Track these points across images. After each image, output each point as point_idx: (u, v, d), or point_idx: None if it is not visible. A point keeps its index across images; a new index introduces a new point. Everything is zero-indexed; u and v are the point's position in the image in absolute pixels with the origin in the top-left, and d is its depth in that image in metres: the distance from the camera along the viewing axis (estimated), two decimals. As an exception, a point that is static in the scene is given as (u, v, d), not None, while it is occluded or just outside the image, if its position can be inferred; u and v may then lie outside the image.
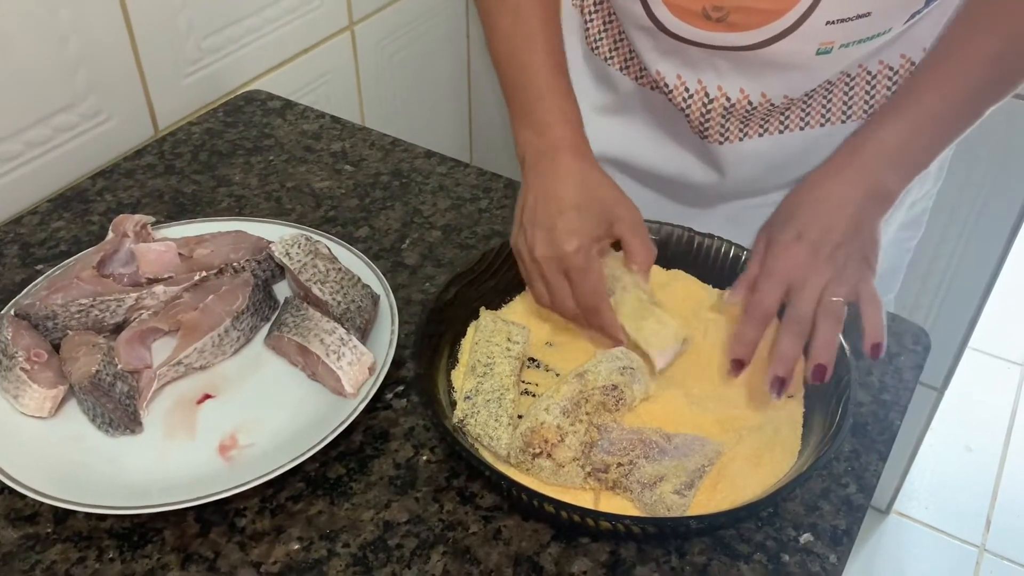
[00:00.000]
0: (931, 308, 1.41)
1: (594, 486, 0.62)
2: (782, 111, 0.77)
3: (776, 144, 0.79)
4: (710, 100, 0.76)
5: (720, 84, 0.75)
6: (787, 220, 0.69)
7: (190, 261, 0.76)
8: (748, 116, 0.77)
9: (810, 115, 0.78)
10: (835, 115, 0.77)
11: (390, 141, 1.01)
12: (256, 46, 1.12)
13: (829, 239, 0.67)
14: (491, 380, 0.66)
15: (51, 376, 0.67)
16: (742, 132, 0.78)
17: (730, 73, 0.74)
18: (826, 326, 0.64)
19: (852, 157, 0.70)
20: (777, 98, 0.74)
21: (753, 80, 0.74)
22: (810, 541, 0.62)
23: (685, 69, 0.76)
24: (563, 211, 0.68)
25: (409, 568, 0.59)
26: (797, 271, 0.66)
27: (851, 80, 0.76)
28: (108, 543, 0.61)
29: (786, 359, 0.63)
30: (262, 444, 0.66)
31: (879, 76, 0.75)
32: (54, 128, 0.92)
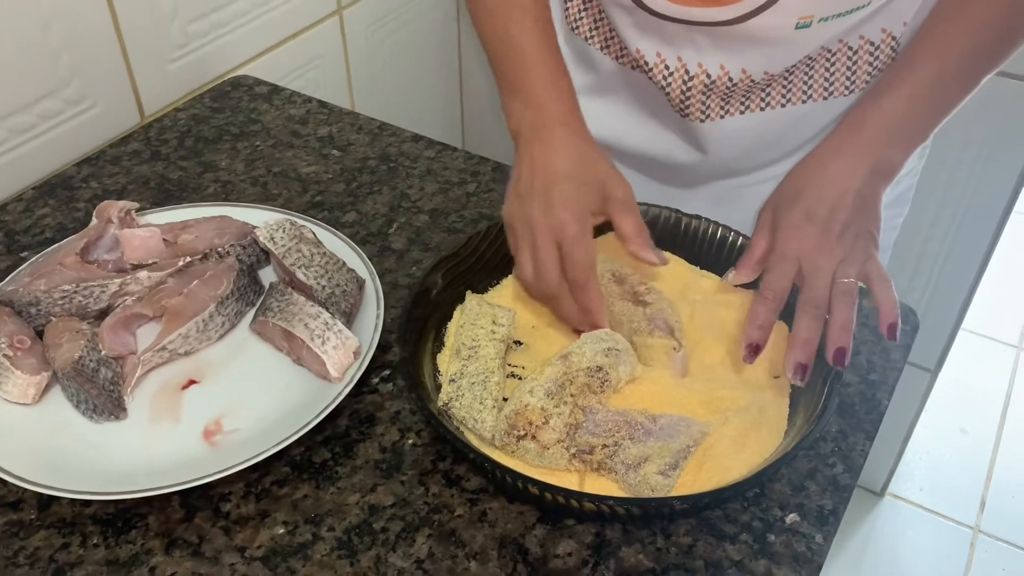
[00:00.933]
0: (924, 289, 1.41)
1: (579, 468, 0.61)
2: (763, 87, 0.76)
3: (758, 121, 0.79)
4: (690, 77, 0.75)
5: (700, 61, 0.74)
6: (794, 199, 0.68)
7: (175, 247, 0.76)
8: (729, 93, 0.76)
9: (791, 92, 0.77)
10: (817, 91, 0.77)
11: (377, 125, 1.01)
12: (244, 31, 1.11)
13: (838, 218, 0.66)
14: (476, 363, 0.66)
15: (34, 362, 0.67)
16: (723, 109, 0.78)
17: (710, 49, 0.73)
18: (842, 308, 0.63)
19: (855, 132, 0.70)
20: (757, 74, 0.74)
21: (733, 56, 0.73)
22: (796, 521, 0.62)
23: (665, 46, 0.75)
24: (559, 181, 0.67)
25: (394, 551, 0.59)
26: (809, 252, 0.65)
27: (832, 56, 0.75)
28: (92, 529, 0.60)
29: (809, 344, 0.62)
30: (247, 429, 0.65)
31: (860, 51, 0.75)
32: (38, 115, 0.91)
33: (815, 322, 0.63)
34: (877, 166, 0.69)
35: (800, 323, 0.63)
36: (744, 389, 0.66)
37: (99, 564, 0.58)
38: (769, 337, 0.65)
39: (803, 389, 0.66)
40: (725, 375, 0.68)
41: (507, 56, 0.74)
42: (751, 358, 0.64)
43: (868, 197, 0.68)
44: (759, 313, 0.65)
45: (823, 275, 0.64)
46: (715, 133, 0.79)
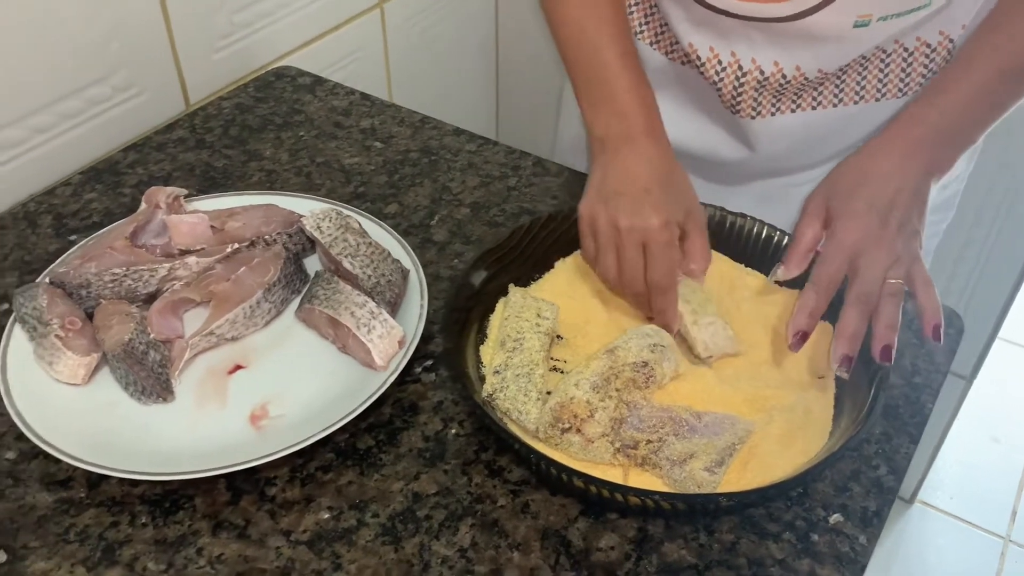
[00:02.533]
0: (962, 295, 1.40)
1: (623, 462, 0.62)
2: (815, 86, 0.76)
3: (809, 120, 0.78)
4: (743, 73, 0.75)
5: (754, 56, 0.74)
6: (852, 190, 0.67)
7: (222, 233, 0.77)
8: (781, 90, 0.76)
9: (844, 91, 0.77)
10: (870, 93, 0.76)
11: (419, 118, 1.01)
12: (287, 22, 1.12)
13: (895, 215, 0.66)
14: (521, 355, 0.66)
15: (85, 344, 0.68)
16: (774, 107, 0.77)
17: (764, 45, 0.73)
18: (890, 307, 0.63)
19: (909, 130, 0.69)
20: (811, 72, 0.74)
21: (788, 53, 0.73)
22: (840, 521, 0.61)
23: (718, 41, 0.75)
24: (650, 188, 0.68)
25: (438, 539, 0.60)
26: (867, 245, 0.65)
27: (887, 56, 0.75)
28: (140, 508, 0.61)
29: (856, 338, 0.62)
30: (292, 415, 0.66)
31: (916, 53, 0.74)
32: (87, 100, 0.93)
33: (864, 317, 0.63)
34: (930, 165, 0.68)
35: (849, 316, 0.62)
36: (789, 388, 0.66)
37: (147, 543, 0.59)
38: (816, 325, 0.64)
39: (848, 390, 0.65)
40: (770, 374, 0.67)
41: (591, 66, 0.74)
42: (798, 346, 0.63)
43: (920, 196, 0.68)
44: (810, 300, 0.63)
45: (878, 270, 0.64)
46: (764, 130, 0.79)
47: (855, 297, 0.63)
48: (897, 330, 0.63)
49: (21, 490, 0.62)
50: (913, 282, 0.65)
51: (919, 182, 0.67)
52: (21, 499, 0.62)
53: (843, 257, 0.65)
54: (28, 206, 0.88)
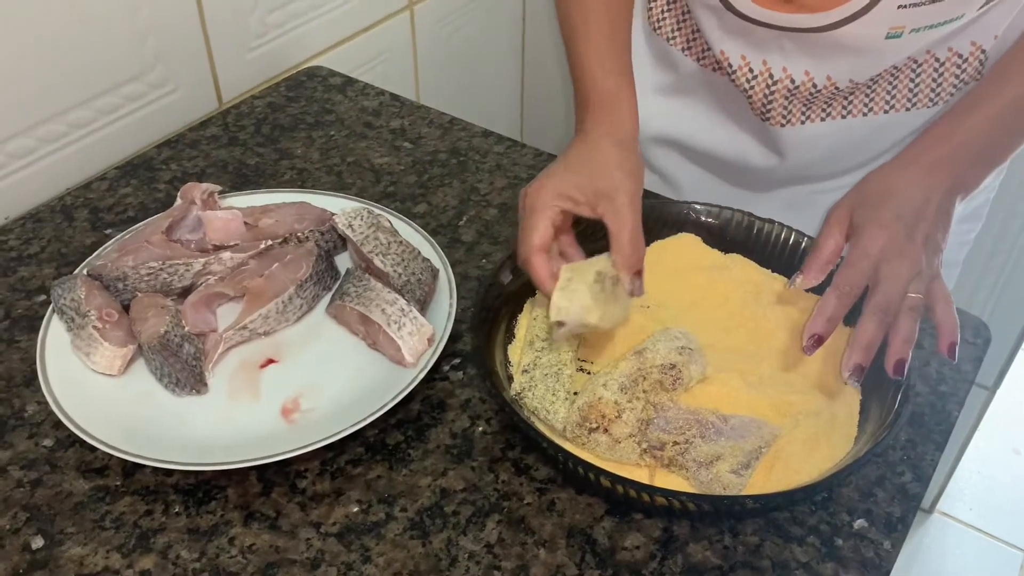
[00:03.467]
0: (985, 307, 1.39)
1: (649, 463, 0.62)
2: (846, 95, 0.76)
3: (838, 129, 0.79)
4: (774, 82, 0.75)
5: (785, 66, 0.74)
6: (880, 200, 0.67)
7: (255, 230, 0.78)
8: (811, 99, 0.76)
9: (874, 101, 0.77)
10: (900, 102, 0.77)
11: (448, 120, 1.02)
12: (319, 23, 1.13)
13: (921, 227, 0.65)
14: (549, 355, 0.67)
15: (121, 335, 0.69)
16: (804, 115, 0.78)
17: (796, 55, 0.74)
18: (908, 321, 0.62)
19: (937, 145, 0.68)
20: (842, 82, 0.74)
21: (819, 62, 0.73)
22: (864, 527, 0.62)
23: (750, 49, 0.76)
24: (570, 164, 0.69)
25: (465, 535, 0.60)
26: (892, 255, 0.63)
27: (918, 67, 0.75)
28: (174, 497, 0.63)
29: (870, 348, 0.61)
30: (323, 408, 0.67)
31: (947, 63, 0.74)
32: (124, 96, 0.94)
33: (881, 328, 0.62)
34: (956, 182, 0.68)
35: (866, 326, 0.61)
36: (815, 394, 0.66)
37: (181, 532, 0.60)
38: (834, 331, 0.63)
39: (874, 397, 0.66)
40: (796, 379, 0.68)
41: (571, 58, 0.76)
42: (811, 349, 0.62)
43: (947, 211, 0.67)
44: (829, 305, 0.62)
45: (900, 282, 0.63)
46: (794, 138, 0.79)
47: (875, 307, 0.62)
48: (912, 345, 0.62)
49: (58, 477, 0.64)
50: (933, 298, 0.64)
51: (944, 198, 0.67)
52: (58, 486, 0.63)
53: (867, 264, 0.64)
54: (65, 200, 0.89)
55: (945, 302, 0.64)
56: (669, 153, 0.95)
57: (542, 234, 0.66)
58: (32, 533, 0.60)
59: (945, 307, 0.64)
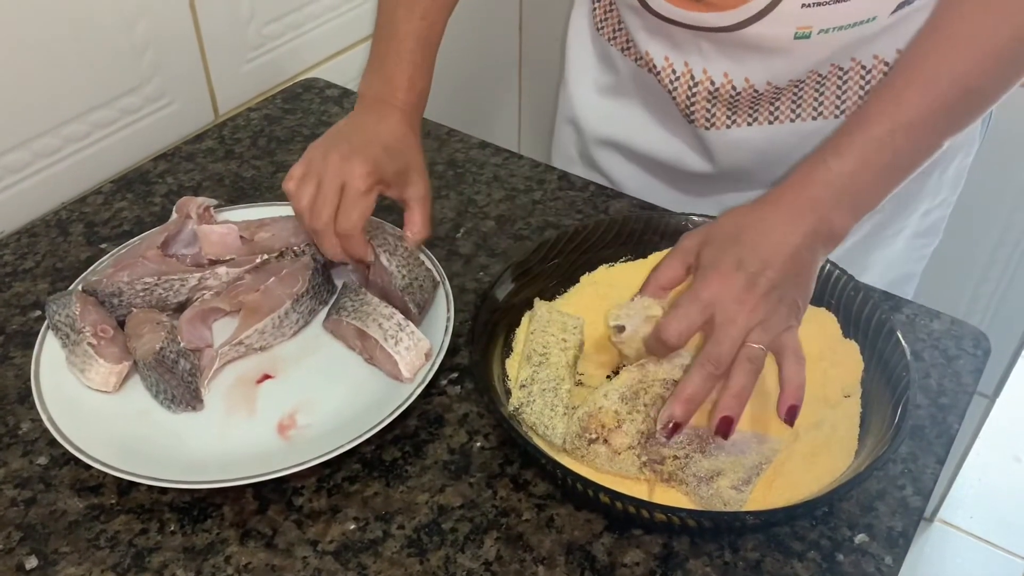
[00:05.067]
0: (984, 315, 1.39)
1: (649, 477, 0.62)
2: (770, 100, 0.77)
3: (767, 135, 0.79)
4: (695, 83, 0.76)
5: (705, 67, 0.76)
6: (727, 242, 0.63)
7: (251, 244, 0.78)
8: (734, 102, 0.77)
9: (801, 107, 0.77)
10: (828, 109, 0.77)
11: (445, 131, 1.02)
12: (315, 34, 1.13)
13: (768, 276, 0.60)
14: (547, 369, 0.66)
15: (116, 352, 0.69)
16: (730, 119, 0.78)
17: (714, 56, 0.75)
18: (742, 374, 0.58)
19: (800, 189, 0.64)
20: (760, 84, 0.75)
21: (736, 64, 0.74)
22: (865, 541, 0.61)
23: (672, 51, 0.77)
24: (372, 143, 0.72)
25: (463, 552, 0.60)
26: (727, 303, 0.60)
27: (844, 74, 0.75)
28: (169, 516, 0.62)
29: (692, 401, 0.58)
30: (320, 425, 0.67)
31: (874, 71, 0.75)
32: (120, 110, 0.94)
33: (707, 380, 0.58)
34: (818, 227, 0.63)
35: (692, 377, 0.58)
36: (815, 407, 0.66)
37: (176, 550, 0.60)
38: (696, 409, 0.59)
39: (875, 409, 0.65)
40: (795, 392, 0.67)
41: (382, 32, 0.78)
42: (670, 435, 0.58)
43: (804, 261, 0.62)
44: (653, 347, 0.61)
45: (735, 331, 0.59)
46: (721, 142, 0.80)
47: (703, 358, 0.59)
48: (745, 401, 0.58)
49: (53, 495, 0.63)
50: (782, 352, 0.61)
51: (804, 243, 0.62)
52: (53, 504, 0.63)
53: (694, 309, 0.60)
54: (60, 214, 0.89)
55: (794, 358, 0.60)
56: (612, 154, 0.96)
57: (367, 215, 0.71)
58: (26, 553, 0.60)
59: (793, 364, 0.60)
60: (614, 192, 0.92)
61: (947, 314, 0.78)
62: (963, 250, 1.33)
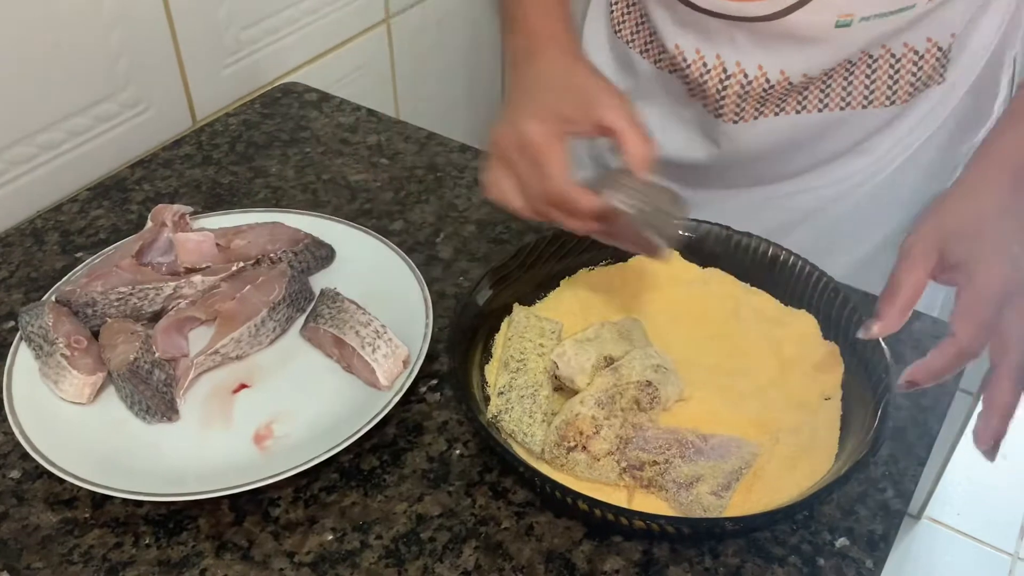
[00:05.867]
0: (969, 312, 1.39)
1: (629, 483, 0.61)
2: (800, 91, 0.76)
3: (792, 124, 0.78)
4: (727, 76, 0.75)
5: (738, 60, 0.74)
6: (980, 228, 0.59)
7: (228, 251, 0.77)
8: (766, 95, 0.76)
9: (829, 97, 0.76)
10: (856, 99, 0.76)
11: (425, 135, 1.01)
12: (294, 38, 1.12)
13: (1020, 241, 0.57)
14: (525, 376, 0.66)
15: (90, 363, 0.68)
16: (757, 111, 0.77)
17: (749, 47, 0.73)
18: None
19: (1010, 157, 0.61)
20: (796, 76, 0.73)
21: (772, 55, 0.73)
22: (846, 545, 0.61)
23: (704, 43, 0.75)
24: (530, 97, 0.62)
25: (441, 562, 0.59)
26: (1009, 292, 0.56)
27: (873, 62, 0.74)
28: (144, 529, 0.61)
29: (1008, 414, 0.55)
30: (297, 434, 0.66)
31: (903, 60, 0.74)
32: (95, 117, 0.93)
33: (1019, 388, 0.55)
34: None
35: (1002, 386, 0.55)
36: (795, 410, 0.66)
37: (151, 564, 0.59)
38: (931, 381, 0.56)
39: (855, 412, 0.65)
40: (776, 395, 0.67)
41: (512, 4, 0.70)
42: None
43: None
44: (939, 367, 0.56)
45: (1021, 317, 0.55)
46: (748, 134, 0.79)
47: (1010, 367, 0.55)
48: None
49: (25, 510, 0.62)
50: None
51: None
52: (25, 519, 0.62)
53: (988, 311, 0.56)
54: (35, 223, 0.88)
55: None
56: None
57: (567, 162, 0.59)
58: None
59: None
60: (595, 195, 0.92)
61: (928, 314, 0.78)
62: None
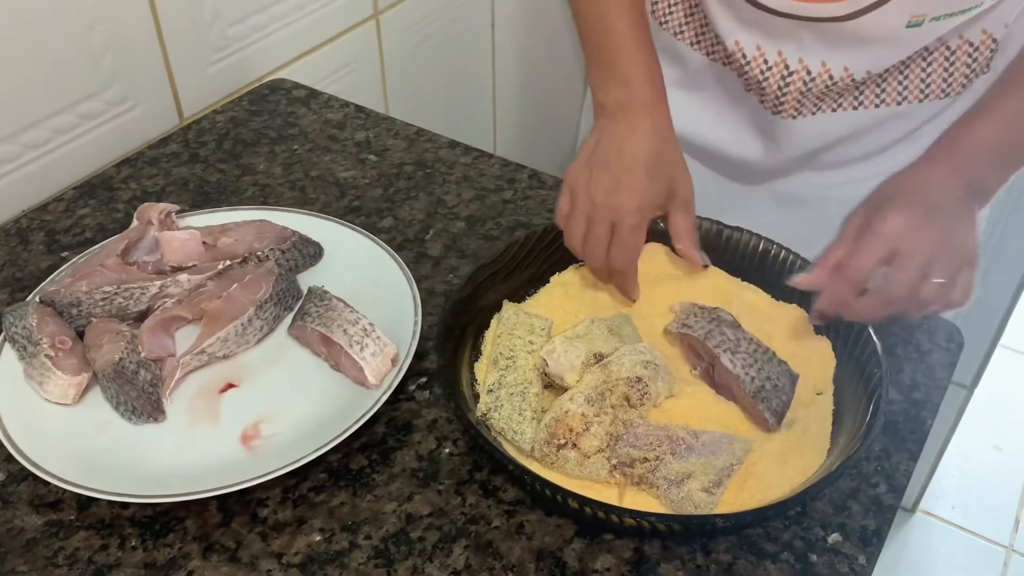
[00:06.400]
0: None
1: (619, 480, 0.61)
2: (859, 87, 0.75)
3: (848, 120, 0.78)
4: (789, 73, 0.75)
5: (801, 56, 0.74)
6: (893, 195, 0.65)
7: (214, 250, 0.76)
8: (826, 91, 0.75)
9: (886, 92, 0.76)
10: (912, 93, 0.76)
11: (414, 131, 1.00)
12: (281, 34, 1.11)
13: (943, 211, 0.64)
14: (514, 373, 0.65)
15: (75, 363, 0.67)
16: (815, 107, 0.77)
17: (813, 45, 0.73)
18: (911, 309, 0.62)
19: (950, 151, 0.68)
20: (859, 73, 0.73)
21: (836, 53, 0.73)
22: (839, 541, 0.60)
23: (766, 40, 0.75)
24: (634, 168, 0.68)
25: (431, 561, 0.59)
26: (906, 236, 0.62)
27: (929, 56, 0.74)
28: (131, 531, 0.61)
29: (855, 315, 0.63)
30: (285, 434, 0.65)
31: (958, 52, 0.74)
32: (80, 115, 0.92)
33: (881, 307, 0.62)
34: (972, 183, 0.67)
35: (869, 300, 0.62)
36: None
37: (137, 567, 0.58)
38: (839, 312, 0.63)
39: (847, 406, 0.65)
40: (767, 391, 0.67)
41: (602, 34, 0.74)
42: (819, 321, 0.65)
43: (967, 208, 0.66)
44: (835, 289, 0.63)
45: (916, 262, 0.61)
46: (802, 130, 0.79)
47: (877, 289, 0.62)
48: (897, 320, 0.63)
49: (10, 512, 0.62)
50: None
51: (961, 196, 0.66)
52: (10, 522, 0.61)
53: (879, 244, 0.62)
54: (20, 222, 0.87)
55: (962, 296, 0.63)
56: None
57: (640, 250, 0.70)
58: (-18, 573, 0.58)
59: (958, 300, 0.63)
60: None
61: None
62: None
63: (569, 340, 0.65)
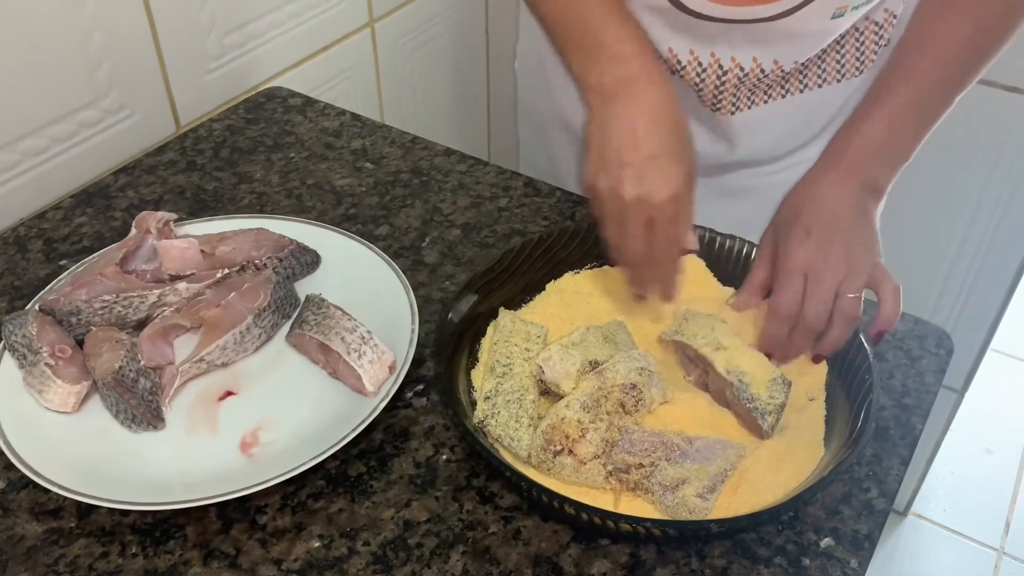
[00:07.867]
0: (952, 309, 1.40)
1: (615, 486, 0.62)
2: (785, 76, 0.79)
3: (781, 109, 0.81)
4: (724, 72, 0.77)
5: (733, 55, 0.76)
6: (792, 221, 0.71)
7: (212, 258, 0.77)
8: (757, 84, 0.78)
9: (808, 78, 0.80)
10: (831, 75, 0.80)
11: (410, 139, 1.01)
12: (277, 42, 1.12)
13: (836, 229, 0.69)
14: (511, 380, 0.66)
15: (75, 372, 0.68)
16: (750, 100, 0.80)
17: (743, 44, 0.75)
18: (840, 327, 0.67)
19: (840, 155, 0.73)
20: (788, 64, 0.77)
21: (766, 49, 0.75)
22: (831, 545, 0.61)
23: (698, 44, 0.77)
24: (656, 154, 0.65)
25: (429, 567, 0.59)
26: (813, 265, 0.68)
27: (842, 39, 0.78)
28: (131, 538, 0.61)
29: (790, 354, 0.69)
30: (283, 441, 0.66)
31: (866, 32, 0.78)
32: (78, 124, 0.93)
33: (808, 338, 0.68)
34: (864, 182, 0.72)
35: (796, 337, 0.68)
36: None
37: (138, 574, 0.59)
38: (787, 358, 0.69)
39: (838, 412, 0.65)
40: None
41: (574, 21, 0.70)
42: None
43: (863, 209, 0.71)
44: (773, 330, 0.68)
45: (825, 289, 0.67)
46: (744, 124, 0.82)
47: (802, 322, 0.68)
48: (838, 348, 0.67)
49: (10, 520, 0.62)
50: (878, 285, 0.69)
51: (854, 199, 0.71)
52: (10, 529, 0.61)
53: (793, 282, 0.68)
54: (18, 231, 0.87)
55: (890, 287, 0.69)
56: None
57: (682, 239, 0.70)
58: (-17, 581, 0.59)
59: (889, 292, 0.69)
60: (580, 198, 0.92)
61: (910, 314, 0.79)
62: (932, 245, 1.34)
63: (565, 347, 0.66)
